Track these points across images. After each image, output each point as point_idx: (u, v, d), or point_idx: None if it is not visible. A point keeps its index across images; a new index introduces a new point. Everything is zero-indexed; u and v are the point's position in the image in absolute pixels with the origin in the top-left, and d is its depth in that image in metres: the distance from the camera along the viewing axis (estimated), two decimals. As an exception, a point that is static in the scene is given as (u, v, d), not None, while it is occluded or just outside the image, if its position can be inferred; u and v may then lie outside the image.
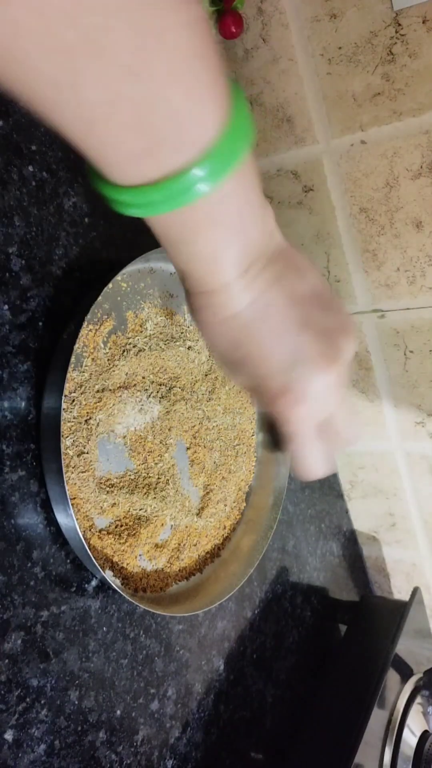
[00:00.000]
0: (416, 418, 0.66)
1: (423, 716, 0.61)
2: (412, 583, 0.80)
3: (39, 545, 0.38)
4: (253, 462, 0.57)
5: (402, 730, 0.58)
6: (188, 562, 0.49)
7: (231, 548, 0.54)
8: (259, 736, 0.56)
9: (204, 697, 0.50)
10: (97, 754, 0.41)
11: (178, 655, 0.48)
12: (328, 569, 0.72)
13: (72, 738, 0.39)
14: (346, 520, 0.77)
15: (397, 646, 0.62)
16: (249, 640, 0.56)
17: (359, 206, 0.58)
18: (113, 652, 0.42)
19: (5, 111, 0.39)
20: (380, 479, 0.73)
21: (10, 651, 0.36)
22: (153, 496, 0.46)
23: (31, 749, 0.36)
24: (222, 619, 0.53)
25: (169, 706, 0.47)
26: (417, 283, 0.59)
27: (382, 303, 0.62)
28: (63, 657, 0.39)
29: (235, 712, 0.54)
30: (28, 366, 0.39)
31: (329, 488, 0.74)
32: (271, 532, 0.55)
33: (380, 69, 0.51)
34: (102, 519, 0.42)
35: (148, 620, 0.45)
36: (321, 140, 0.56)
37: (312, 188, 0.59)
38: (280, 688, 0.60)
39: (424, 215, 0.55)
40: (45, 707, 0.37)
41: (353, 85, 0.52)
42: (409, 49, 0.49)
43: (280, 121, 0.57)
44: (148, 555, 0.46)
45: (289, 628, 0.63)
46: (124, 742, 0.43)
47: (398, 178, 0.55)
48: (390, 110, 0.52)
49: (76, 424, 0.41)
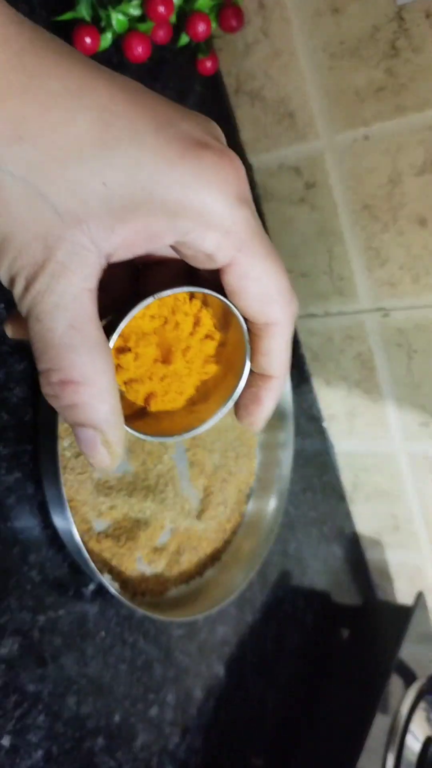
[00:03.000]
0: (420, 418, 0.66)
1: (427, 722, 0.61)
2: (416, 586, 0.79)
3: (36, 548, 0.38)
4: (253, 464, 0.57)
5: (405, 736, 0.57)
6: (188, 566, 0.49)
7: (231, 552, 0.53)
8: (259, 741, 0.56)
9: (204, 702, 0.50)
10: (95, 761, 0.40)
11: (177, 661, 0.47)
12: (330, 573, 0.71)
13: (70, 744, 0.39)
14: (348, 522, 0.77)
15: (401, 650, 0.61)
16: (250, 645, 0.56)
17: (362, 203, 0.57)
18: (111, 657, 0.42)
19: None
20: (383, 481, 0.73)
21: (6, 656, 0.35)
22: (152, 499, 0.45)
23: (28, 755, 0.36)
24: (222, 623, 0.53)
25: (168, 712, 0.46)
26: (421, 281, 0.58)
27: (385, 301, 0.61)
28: (60, 662, 0.38)
29: (235, 717, 0.53)
30: (24, 365, 0.38)
31: (331, 490, 0.73)
32: (273, 535, 0.54)
33: (383, 64, 0.50)
34: (100, 522, 0.42)
35: (147, 625, 0.45)
36: (323, 136, 0.56)
37: (314, 185, 0.59)
38: (281, 693, 0.60)
39: (428, 212, 0.55)
40: (42, 713, 0.37)
41: (356, 80, 0.52)
42: (412, 44, 0.48)
43: (281, 117, 0.57)
44: (147, 559, 0.45)
45: (291, 632, 0.62)
46: (123, 748, 0.42)
47: (402, 174, 0.54)
48: (393, 105, 0.51)
49: (74, 424, 0.40)
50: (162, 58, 0.51)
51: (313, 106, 0.55)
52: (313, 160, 0.57)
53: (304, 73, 0.54)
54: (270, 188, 0.61)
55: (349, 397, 0.69)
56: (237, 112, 0.59)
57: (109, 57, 0.46)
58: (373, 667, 0.61)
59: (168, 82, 0.52)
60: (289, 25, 0.52)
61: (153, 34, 0.45)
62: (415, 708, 0.59)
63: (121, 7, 0.43)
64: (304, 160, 0.58)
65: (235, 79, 0.57)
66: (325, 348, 0.68)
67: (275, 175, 0.60)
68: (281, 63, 0.54)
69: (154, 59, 0.50)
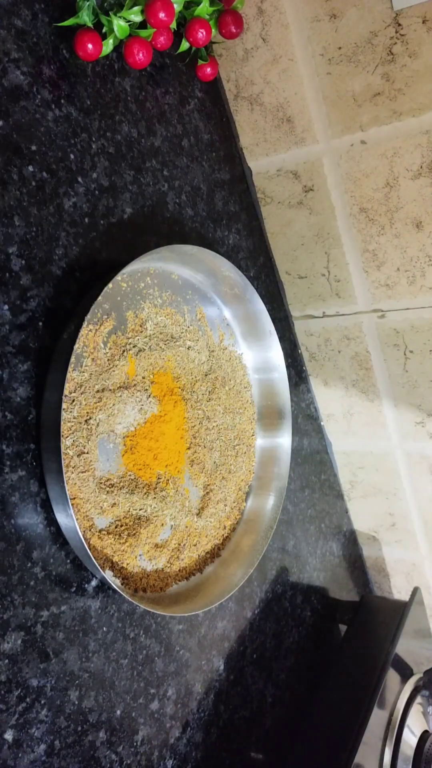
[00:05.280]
0: (416, 418, 0.66)
1: (423, 716, 0.61)
2: (412, 583, 0.80)
3: (39, 545, 0.38)
4: (253, 462, 0.57)
5: (402, 730, 0.58)
6: (188, 562, 0.49)
7: (231, 548, 0.54)
8: (259, 735, 0.56)
9: (204, 697, 0.50)
10: (97, 754, 0.41)
11: (178, 655, 0.48)
12: (328, 569, 0.72)
13: (72, 738, 0.39)
14: (346, 520, 0.77)
15: (397, 646, 0.62)
16: (249, 640, 0.56)
17: (359, 206, 0.58)
18: (113, 652, 0.42)
19: (5, 111, 0.39)
20: (380, 479, 0.73)
21: (10, 651, 0.36)
22: (153, 496, 0.46)
23: (31, 749, 0.36)
24: (222, 619, 0.53)
25: (169, 706, 0.47)
26: (417, 283, 0.59)
27: (382, 303, 0.62)
28: (63, 657, 0.39)
29: (235, 712, 0.54)
30: (28, 366, 0.39)
31: (329, 488, 0.74)
32: (271, 532, 0.55)
33: (380, 69, 0.51)
34: (102, 519, 0.42)
35: (148, 620, 0.45)
36: (321, 140, 0.56)
37: (312, 188, 0.59)
38: (280, 687, 0.60)
39: (424, 215, 0.55)
40: (45, 707, 0.37)
41: (353, 85, 0.52)
42: (409, 49, 0.49)
43: (280, 121, 0.57)
44: (148, 555, 0.46)
45: (289, 628, 0.63)
46: (124, 742, 0.43)
47: (398, 178, 0.55)
48: (390, 110, 0.52)
49: (76, 424, 0.41)
50: (162, 63, 0.52)
51: (311, 111, 0.55)
52: (311, 164, 0.58)
53: (303, 79, 0.54)
54: (269, 192, 0.62)
55: (346, 396, 0.70)
56: (236, 117, 0.59)
57: (110, 62, 0.47)
58: (370, 662, 0.61)
59: (168, 88, 0.52)
60: (287, 31, 0.53)
61: (154, 40, 0.46)
62: (412, 702, 0.60)
63: (123, 13, 0.43)
64: (302, 164, 0.58)
65: (235, 85, 0.58)
66: (322, 348, 0.69)
67: (274, 179, 0.61)
68: (280, 68, 0.55)
69: (155, 65, 0.51)
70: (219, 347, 0.54)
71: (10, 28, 0.39)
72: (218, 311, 0.55)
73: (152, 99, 0.50)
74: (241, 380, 0.56)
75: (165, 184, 0.51)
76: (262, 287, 0.64)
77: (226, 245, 0.59)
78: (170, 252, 0.47)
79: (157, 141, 0.51)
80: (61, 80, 0.43)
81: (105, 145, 0.46)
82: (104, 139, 0.46)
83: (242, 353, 0.57)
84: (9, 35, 0.39)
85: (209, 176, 0.57)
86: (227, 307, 0.55)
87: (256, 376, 0.58)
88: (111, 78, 0.47)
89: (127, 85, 0.48)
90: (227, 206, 0.59)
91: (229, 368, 0.55)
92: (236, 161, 0.60)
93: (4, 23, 0.39)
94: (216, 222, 0.57)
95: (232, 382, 0.55)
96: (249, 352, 0.57)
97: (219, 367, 0.54)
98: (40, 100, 0.41)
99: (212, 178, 0.57)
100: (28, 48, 0.40)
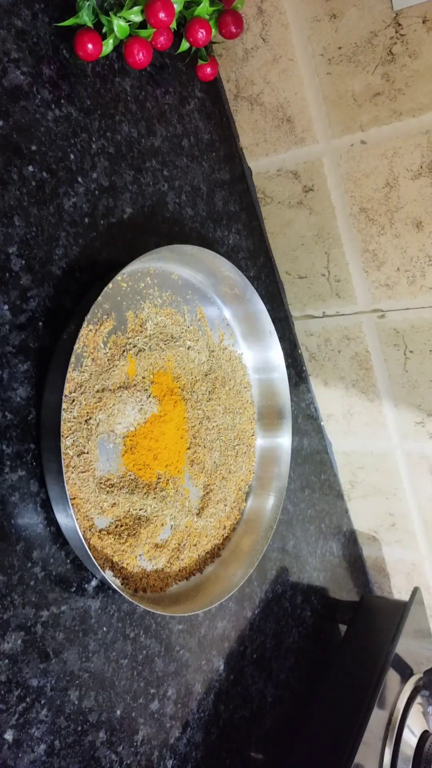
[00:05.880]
0: (416, 418, 0.66)
1: (423, 716, 0.61)
2: (411, 583, 0.80)
3: (39, 545, 0.38)
4: (253, 462, 0.57)
5: (402, 730, 0.58)
6: (188, 562, 0.49)
7: (231, 548, 0.54)
8: (259, 735, 0.56)
9: (204, 697, 0.50)
10: (97, 754, 0.41)
11: (178, 655, 0.48)
12: (328, 569, 0.72)
13: (72, 738, 0.39)
14: (346, 520, 0.77)
15: (397, 646, 0.62)
16: (249, 640, 0.56)
17: (359, 206, 0.58)
18: (113, 652, 0.42)
19: (5, 111, 0.39)
20: (380, 479, 0.73)
21: (10, 651, 0.36)
22: (153, 496, 0.46)
23: (31, 749, 0.36)
24: (222, 619, 0.53)
25: (169, 706, 0.47)
26: (417, 283, 0.59)
27: (382, 303, 0.62)
28: (63, 657, 0.39)
29: (235, 712, 0.54)
30: (28, 366, 0.39)
31: (329, 488, 0.74)
32: (271, 532, 0.55)
33: (380, 69, 0.51)
34: (102, 519, 0.42)
35: (148, 620, 0.45)
36: (321, 140, 0.56)
37: (312, 188, 0.59)
38: (280, 688, 0.60)
39: (424, 215, 0.55)
40: (45, 707, 0.38)
41: (353, 85, 0.52)
42: (409, 49, 0.49)
43: (280, 121, 0.57)
44: (148, 555, 0.46)
45: (289, 628, 0.63)
46: (124, 742, 0.43)
47: (398, 178, 0.55)
48: (390, 110, 0.52)
49: (76, 424, 0.41)
50: (162, 63, 0.52)
51: (311, 111, 0.55)
52: (311, 164, 0.58)
53: (303, 79, 0.54)
54: (269, 192, 0.62)
55: (346, 396, 0.70)
56: (236, 117, 0.59)
57: (110, 63, 0.47)
58: (370, 662, 0.61)
59: (168, 88, 0.52)
60: (287, 31, 0.53)
61: (154, 40, 0.46)
62: (412, 702, 0.60)
63: (123, 13, 0.43)
64: (302, 164, 0.58)
65: (235, 85, 0.58)
66: (322, 348, 0.69)
67: (274, 179, 0.61)
68: (280, 68, 0.55)
69: (155, 65, 0.51)
70: (219, 347, 0.54)
71: (10, 28, 0.39)
72: (218, 311, 0.55)
73: (152, 99, 0.50)
74: (241, 380, 0.56)
75: (165, 184, 0.51)
76: (262, 287, 0.64)
77: (226, 245, 0.59)
78: (170, 252, 0.47)
79: (157, 141, 0.51)
80: (61, 80, 0.43)
81: (105, 145, 0.46)
82: (104, 139, 0.46)
83: (242, 353, 0.57)
84: (9, 35, 0.39)
85: (209, 176, 0.57)
86: (227, 307, 0.55)
87: (256, 376, 0.58)
88: (111, 78, 0.47)
89: (127, 85, 0.48)
90: (227, 206, 0.59)
91: (229, 368, 0.55)
92: (236, 161, 0.60)
93: (4, 23, 0.39)
94: (216, 222, 0.57)
95: (232, 382, 0.55)
96: (249, 352, 0.57)
97: (219, 367, 0.54)
98: (40, 100, 0.41)
99: (212, 178, 0.57)
100: (28, 48, 0.40)
